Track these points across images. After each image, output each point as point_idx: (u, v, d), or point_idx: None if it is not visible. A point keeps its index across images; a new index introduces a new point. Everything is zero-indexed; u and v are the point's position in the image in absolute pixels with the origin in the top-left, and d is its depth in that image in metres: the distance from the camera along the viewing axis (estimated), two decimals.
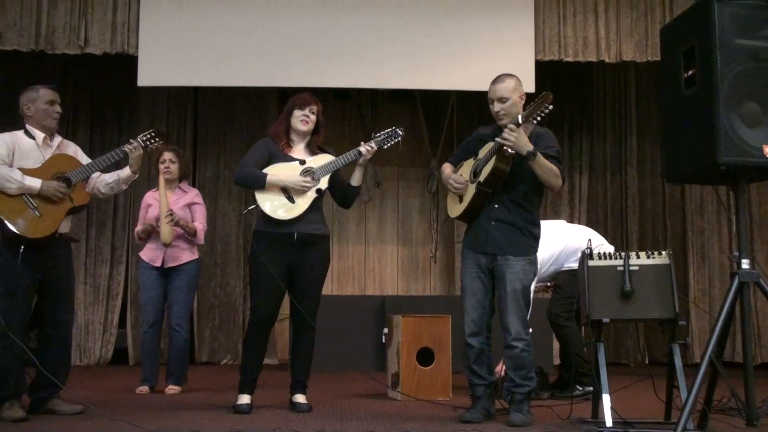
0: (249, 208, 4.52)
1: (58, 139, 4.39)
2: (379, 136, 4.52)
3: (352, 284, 8.82)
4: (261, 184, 4.35)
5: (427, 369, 5.09)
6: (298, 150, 4.52)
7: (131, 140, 4.42)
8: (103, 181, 4.45)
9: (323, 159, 4.46)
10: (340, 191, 4.59)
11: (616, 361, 8.06)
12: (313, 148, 4.55)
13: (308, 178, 4.37)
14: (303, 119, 4.48)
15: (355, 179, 4.54)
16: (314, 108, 4.52)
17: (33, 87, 4.34)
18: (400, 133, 4.54)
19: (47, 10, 6.85)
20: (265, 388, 4.72)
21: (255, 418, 4.16)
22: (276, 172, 4.38)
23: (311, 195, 4.38)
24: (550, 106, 3.85)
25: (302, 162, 4.43)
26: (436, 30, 7.13)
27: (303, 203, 4.36)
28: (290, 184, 4.36)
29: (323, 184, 4.41)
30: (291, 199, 4.37)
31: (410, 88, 7.83)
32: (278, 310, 4.51)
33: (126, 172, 4.44)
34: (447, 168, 4.28)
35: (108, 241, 8.12)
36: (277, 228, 4.36)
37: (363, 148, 4.43)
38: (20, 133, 4.28)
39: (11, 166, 4.11)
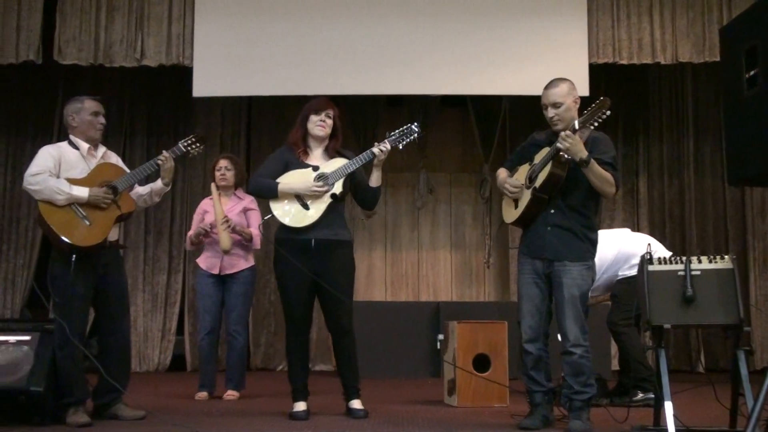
0: (265, 218, 4.49)
1: (102, 149, 4.45)
2: (394, 135, 4.43)
3: (405, 291, 8.81)
4: (273, 193, 4.35)
5: (484, 375, 5.05)
6: (316, 156, 4.48)
7: (163, 151, 4.44)
8: (137, 193, 4.50)
9: (337, 163, 4.41)
10: (360, 193, 4.55)
11: (676, 368, 7.89)
12: (331, 153, 4.50)
13: (321, 183, 4.33)
14: (320, 124, 4.45)
15: (373, 180, 4.47)
16: (330, 112, 4.49)
17: (78, 98, 4.42)
18: (416, 129, 4.43)
19: (105, 25, 7.02)
20: (321, 394, 4.74)
21: (312, 424, 4.19)
22: (289, 180, 4.36)
23: (326, 200, 4.34)
24: (608, 112, 3.79)
25: (315, 168, 4.40)
26: (488, 35, 7.10)
27: (317, 209, 4.33)
28: (302, 191, 4.33)
29: (337, 188, 4.35)
30: (305, 206, 4.34)
31: (462, 93, 7.81)
32: (311, 313, 4.49)
33: (158, 184, 4.48)
34: (502, 173, 4.25)
35: (165, 249, 8.27)
36: (294, 235, 4.35)
37: (376, 149, 4.35)
38: (64, 144, 4.36)
39: (58, 177, 4.18)
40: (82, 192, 4.15)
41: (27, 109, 8.35)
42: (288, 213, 4.35)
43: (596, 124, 3.83)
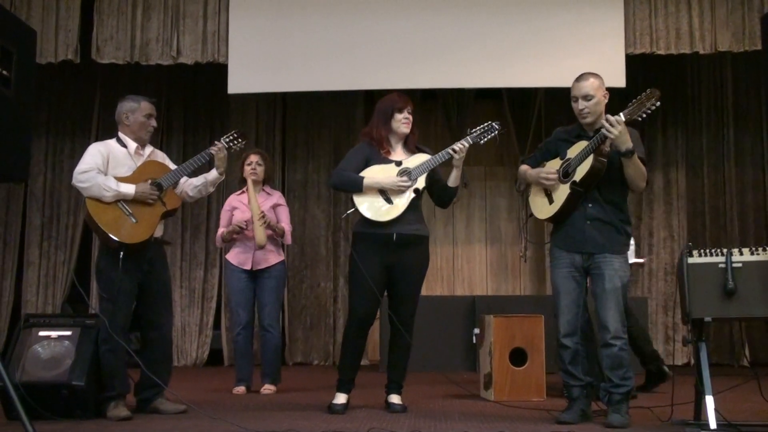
0: (348, 212, 4.51)
1: (149, 148, 4.52)
2: (475, 132, 4.45)
3: (441, 285, 8.80)
4: (358, 187, 4.36)
5: (520, 369, 5.03)
6: (397, 152, 4.51)
7: (216, 142, 4.50)
8: (191, 184, 4.57)
9: (419, 158, 4.43)
10: (437, 191, 4.55)
11: (717, 362, 7.78)
12: (411, 148, 4.53)
13: (405, 178, 4.36)
14: (405, 122, 4.48)
15: (452, 180, 4.48)
16: (410, 108, 4.52)
17: (134, 97, 4.48)
18: (497, 127, 4.45)
19: (141, 24, 7.09)
20: (358, 388, 4.75)
21: (350, 417, 4.21)
22: (373, 174, 4.38)
23: (409, 195, 4.36)
24: (657, 104, 3.75)
25: (398, 163, 4.42)
26: (523, 26, 7.04)
27: (401, 204, 4.35)
28: (387, 186, 4.35)
29: (420, 183, 4.38)
30: (389, 201, 4.36)
31: (497, 86, 7.75)
32: (376, 312, 4.54)
33: (213, 174, 4.54)
34: (527, 169, 4.23)
35: (202, 245, 8.35)
36: (376, 229, 4.36)
37: (456, 146, 4.36)
38: (112, 142, 4.42)
39: (106, 174, 4.25)
40: (128, 189, 4.22)
41: (66, 108, 8.49)
42: (372, 207, 4.36)
43: (644, 116, 3.78)
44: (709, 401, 3.54)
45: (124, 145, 4.40)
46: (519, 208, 8.71)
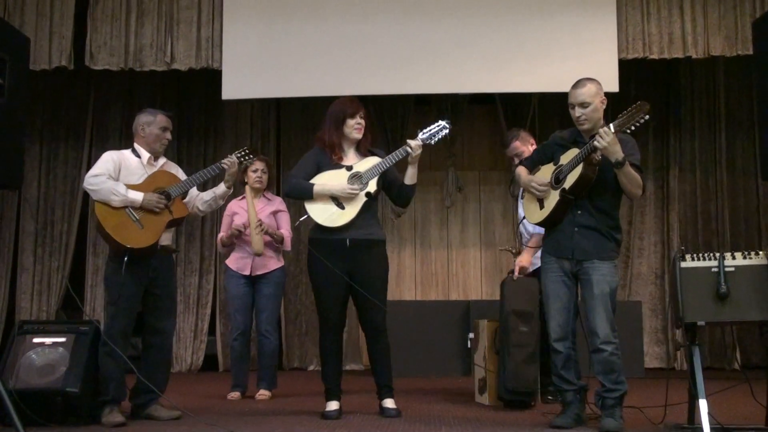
0: (300, 220, 4.54)
1: (162, 160, 4.60)
2: (425, 132, 4.45)
3: (435, 290, 8.80)
4: (309, 194, 4.39)
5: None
6: (350, 157, 4.52)
7: (229, 156, 4.58)
8: (202, 199, 4.65)
9: (370, 162, 4.44)
10: (394, 191, 4.57)
11: (708, 365, 7.80)
12: (363, 152, 4.54)
13: (355, 185, 4.37)
14: (357, 127, 4.48)
15: (408, 177, 4.48)
16: (363, 113, 4.53)
17: (152, 111, 4.58)
18: (447, 126, 4.45)
19: (135, 30, 7.09)
20: (353, 393, 4.77)
21: (344, 423, 4.21)
22: (323, 181, 4.40)
23: (361, 200, 4.38)
24: (647, 116, 3.76)
25: (349, 168, 4.43)
26: (516, 31, 7.06)
27: (353, 209, 4.37)
28: (337, 192, 4.37)
29: (371, 187, 4.38)
30: (341, 206, 4.38)
31: (491, 91, 7.77)
32: (345, 314, 4.55)
33: (221, 188, 4.61)
34: (523, 172, 4.24)
35: (197, 251, 8.34)
36: (329, 235, 4.39)
37: (412, 144, 4.36)
38: (127, 152, 4.52)
39: (116, 181, 4.32)
40: (136, 196, 4.28)
41: (60, 114, 8.47)
42: (323, 213, 4.38)
43: (633, 128, 3.79)
44: (703, 405, 3.56)
45: (138, 156, 4.49)
46: (513, 213, 8.70)
